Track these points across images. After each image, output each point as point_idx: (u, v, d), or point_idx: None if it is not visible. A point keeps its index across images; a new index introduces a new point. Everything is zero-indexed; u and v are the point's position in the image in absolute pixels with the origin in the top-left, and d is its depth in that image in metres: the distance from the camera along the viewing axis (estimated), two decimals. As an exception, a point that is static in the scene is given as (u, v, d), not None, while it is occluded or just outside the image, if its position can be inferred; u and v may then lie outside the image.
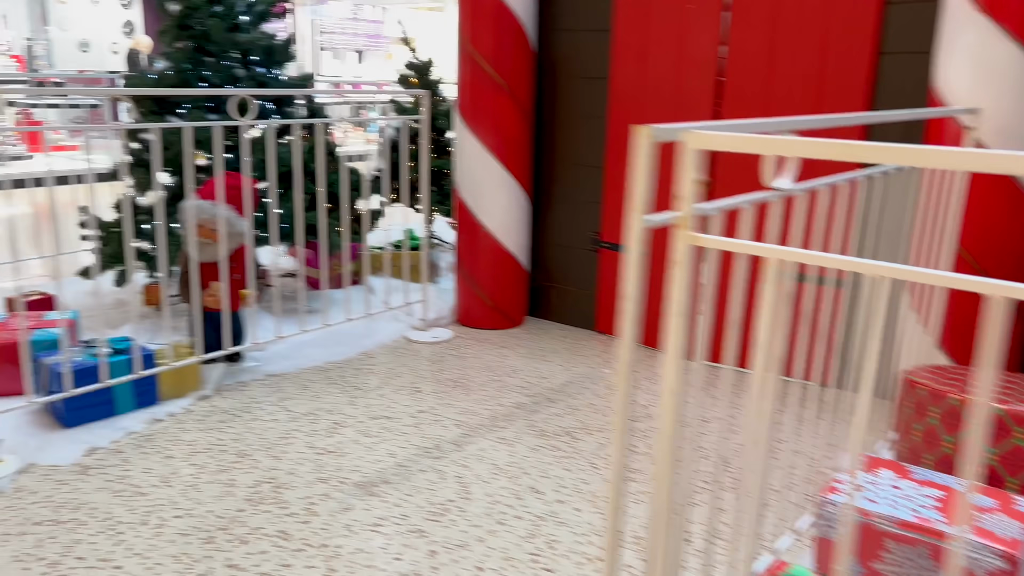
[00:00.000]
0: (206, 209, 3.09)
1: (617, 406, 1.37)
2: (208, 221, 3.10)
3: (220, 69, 3.89)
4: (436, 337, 3.92)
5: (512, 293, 4.09)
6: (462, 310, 4.16)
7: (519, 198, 3.99)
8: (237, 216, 3.17)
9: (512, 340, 3.94)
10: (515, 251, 4.03)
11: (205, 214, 3.09)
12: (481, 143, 3.85)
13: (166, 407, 3.02)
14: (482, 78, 3.80)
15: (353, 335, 3.85)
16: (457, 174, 4.03)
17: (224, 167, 3.21)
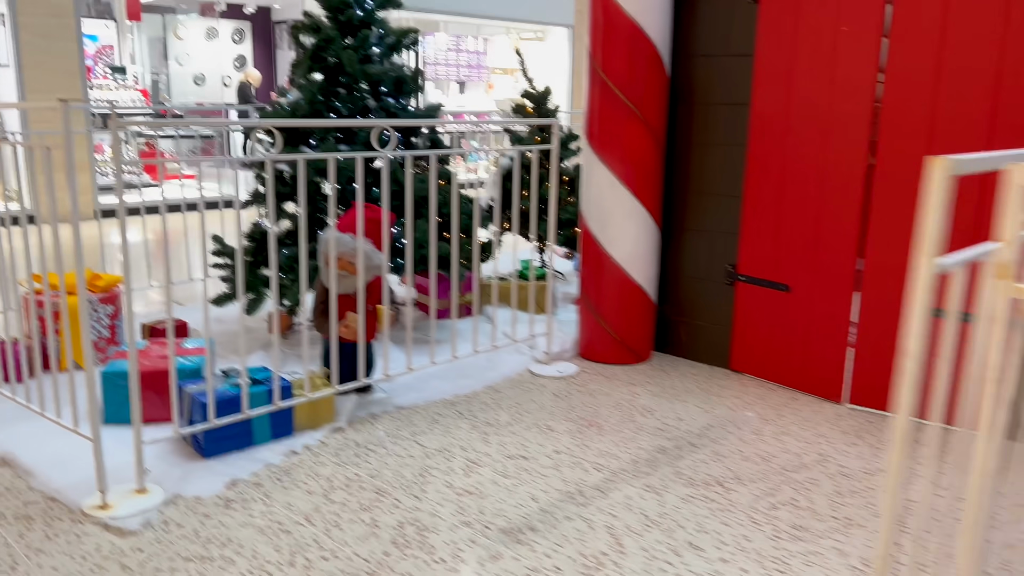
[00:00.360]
0: (346, 243, 3.06)
1: (888, 492, 1.19)
2: (347, 254, 3.07)
3: (352, 100, 3.91)
4: (561, 372, 3.79)
5: (639, 327, 3.93)
6: (585, 343, 4.02)
7: (649, 228, 3.84)
8: (375, 250, 3.13)
9: (641, 377, 3.77)
10: (643, 283, 3.87)
11: (344, 247, 3.06)
12: (610, 171, 3.73)
13: (301, 439, 2.98)
14: (613, 104, 3.69)
15: (477, 367, 3.77)
16: (583, 203, 3.92)
17: (363, 198, 3.19)
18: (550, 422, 3.21)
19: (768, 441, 3.06)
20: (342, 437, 3.04)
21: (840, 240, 3.35)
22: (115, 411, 3.05)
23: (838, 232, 3.35)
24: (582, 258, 3.98)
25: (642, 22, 3.60)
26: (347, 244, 3.06)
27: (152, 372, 3.01)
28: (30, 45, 7.68)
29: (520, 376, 3.75)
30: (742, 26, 3.59)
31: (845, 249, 3.34)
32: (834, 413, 3.36)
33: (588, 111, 3.82)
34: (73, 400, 2.62)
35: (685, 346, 4.04)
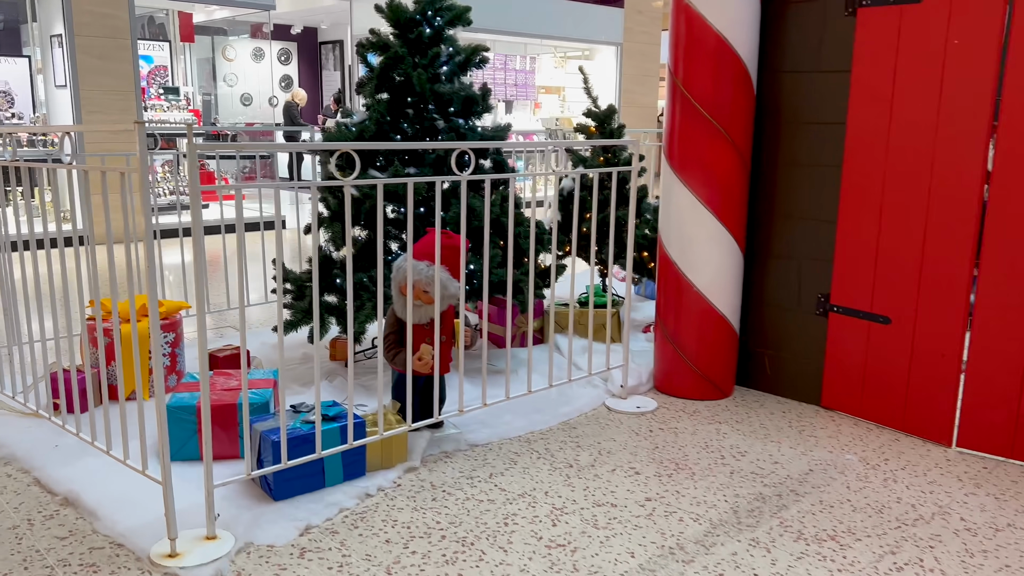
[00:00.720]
0: (422, 271, 2.90)
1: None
2: (423, 283, 2.91)
3: (419, 120, 3.76)
4: (639, 407, 3.57)
5: (722, 360, 3.70)
6: (663, 376, 3.80)
7: (733, 254, 3.62)
8: (451, 278, 2.96)
9: (725, 413, 3.54)
10: (727, 313, 3.64)
11: (420, 276, 2.90)
12: (692, 193, 3.52)
13: (374, 479, 2.80)
14: (696, 122, 3.49)
15: (549, 401, 3.57)
16: (662, 226, 3.71)
17: (440, 224, 3.03)
18: (635, 464, 3.00)
19: (877, 489, 2.81)
20: (417, 478, 2.86)
21: (951, 271, 3.09)
22: (179, 448, 2.91)
23: (949, 262, 3.10)
24: (659, 285, 3.77)
25: (729, 36, 3.40)
26: (423, 273, 2.90)
27: (218, 406, 2.87)
28: (86, 66, 7.72)
29: (596, 412, 3.54)
30: (836, 40, 3.37)
31: (957, 280, 3.09)
32: (943, 457, 3.09)
33: (668, 130, 3.62)
34: (142, 435, 2.48)
35: (770, 380, 3.80)
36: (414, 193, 3.63)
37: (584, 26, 12.64)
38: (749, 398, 3.74)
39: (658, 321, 3.80)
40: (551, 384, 3.37)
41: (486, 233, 2.94)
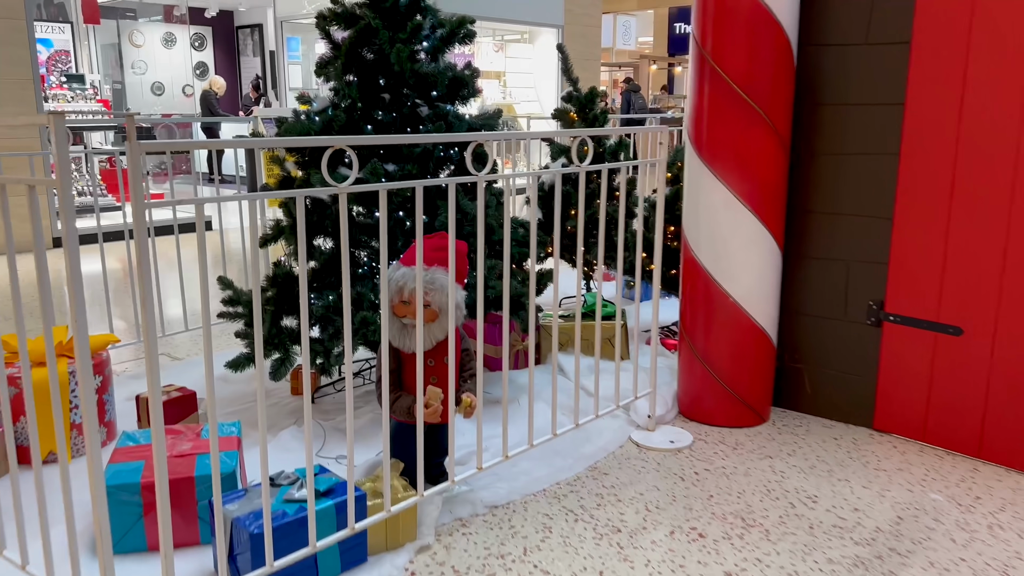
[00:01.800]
0: (436, 279, 2.32)
1: None
2: (434, 292, 2.32)
3: (399, 106, 3.12)
4: (673, 442, 3.05)
5: (760, 380, 3.21)
6: (691, 400, 3.29)
7: (774, 258, 3.12)
8: (456, 285, 2.38)
9: (772, 444, 3.05)
10: (766, 326, 3.15)
11: (432, 285, 2.31)
12: (727, 187, 3.01)
13: (380, 567, 2.19)
14: (730, 103, 2.97)
15: (568, 438, 3.00)
16: (688, 226, 3.19)
17: (421, 230, 2.43)
18: (694, 522, 2.47)
19: (987, 541, 2.36)
20: (433, 561, 2.26)
21: (1039, 272, 2.67)
22: (119, 537, 2.23)
23: (1037, 263, 2.67)
24: (685, 294, 3.25)
25: (769, 1, 2.88)
26: (435, 281, 2.31)
27: (173, 483, 2.20)
28: (-26, 51, 6.71)
29: (624, 450, 3.00)
30: (892, 8, 2.90)
31: (1046, 284, 2.67)
32: (1036, 489, 2.68)
33: (694, 113, 3.10)
34: (70, 526, 1.80)
35: (811, 399, 3.33)
36: (389, 196, 3.00)
37: (524, 8, 12.05)
38: (790, 422, 3.26)
39: (683, 337, 3.29)
40: (577, 423, 2.81)
41: (480, 239, 2.32)
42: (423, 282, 2.33)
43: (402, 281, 2.36)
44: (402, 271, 2.39)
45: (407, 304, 2.39)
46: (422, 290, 2.15)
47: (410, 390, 2.46)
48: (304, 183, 3.14)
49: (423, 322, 2.33)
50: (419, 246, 2.14)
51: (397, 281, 2.36)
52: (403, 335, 2.42)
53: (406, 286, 2.36)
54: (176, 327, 4.37)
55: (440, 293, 2.36)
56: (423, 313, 2.34)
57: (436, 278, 2.37)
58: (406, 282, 2.37)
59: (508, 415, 2.52)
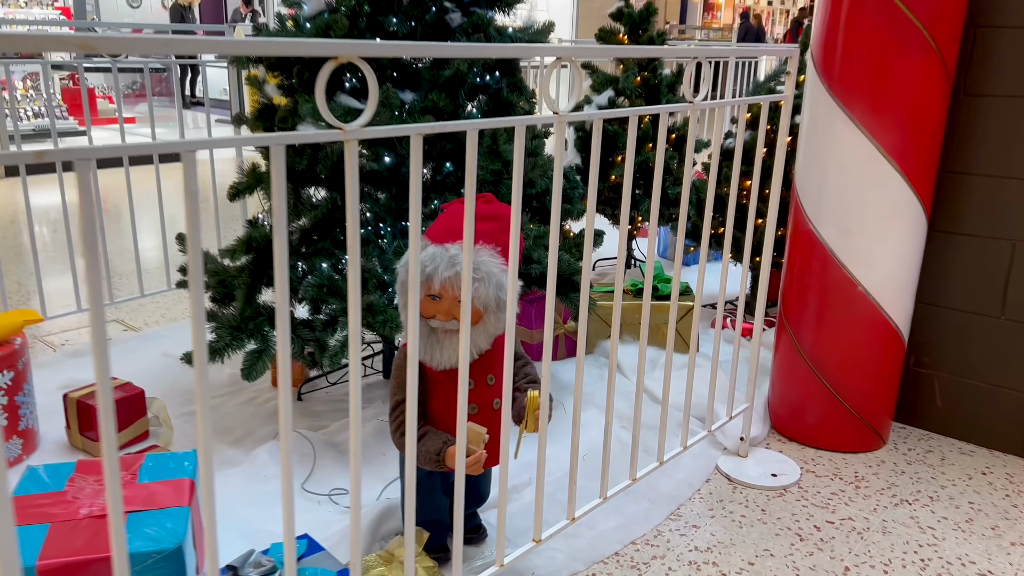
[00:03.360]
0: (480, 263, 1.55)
1: None
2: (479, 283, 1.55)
3: (420, 11, 2.27)
4: (776, 476, 2.31)
5: (885, 391, 2.46)
6: (789, 412, 2.55)
7: (920, 235, 2.34)
8: (504, 269, 1.60)
9: (904, 481, 2.32)
10: (899, 323, 2.39)
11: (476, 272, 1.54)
12: (869, 137, 2.20)
13: None
14: (882, 16, 2.14)
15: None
16: (804, 189, 2.39)
17: (473, 187, 1.64)
18: (838, 616, 1.75)
19: None
20: None
21: None
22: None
23: None
24: (791, 274, 2.47)
25: None
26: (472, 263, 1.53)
27: (78, 567, 1.45)
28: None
29: (712, 486, 2.27)
30: None
31: None
32: None
33: (825, 29, 2.26)
34: None
35: (940, 415, 2.59)
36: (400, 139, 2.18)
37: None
38: (916, 444, 2.53)
39: (782, 327, 2.52)
40: (661, 460, 2.06)
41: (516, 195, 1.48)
42: (482, 272, 1.55)
43: (430, 266, 1.57)
44: (429, 251, 1.59)
45: (436, 299, 1.60)
46: (469, 280, 1.36)
47: (439, 423, 1.70)
48: (289, 115, 2.31)
49: (454, 325, 1.55)
50: (468, 216, 1.34)
51: (423, 266, 1.58)
52: (430, 345, 1.64)
53: (437, 273, 1.57)
54: (131, 290, 3.56)
55: (487, 284, 1.58)
56: (457, 308, 1.57)
57: (481, 262, 1.58)
58: (436, 267, 1.57)
59: (550, 425, 1.76)
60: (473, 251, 1.53)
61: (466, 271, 1.35)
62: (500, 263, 1.58)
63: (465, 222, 1.33)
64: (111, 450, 0.95)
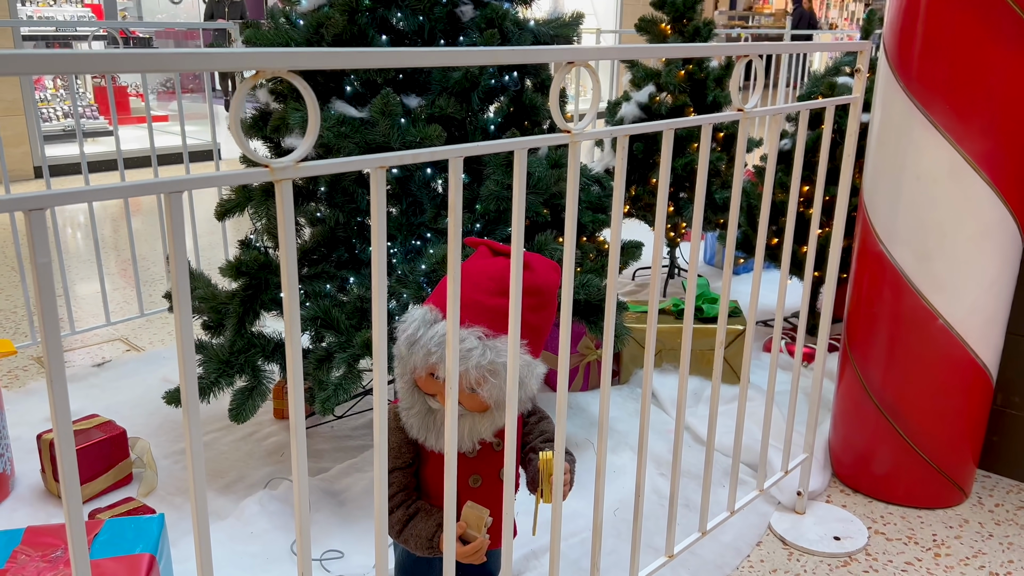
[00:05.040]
0: (498, 362, 1.21)
1: None
2: (494, 380, 1.23)
3: (426, 5, 1.99)
4: (839, 539, 1.98)
5: (969, 439, 2.11)
6: (854, 459, 2.21)
7: (1014, 259, 1.99)
8: (532, 360, 1.29)
9: (993, 547, 1.98)
10: (987, 360, 2.04)
11: (492, 370, 1.22)
12: (955, 144, 1.85)
13: None
14: (974, 6, 1.79)
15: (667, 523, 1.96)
16: (872, 202, 2.04)
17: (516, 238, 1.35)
18: None
19: None
20: None
21: None
22: None
23: None
24: (857, 300, 2.13)
25: None
26: (491, 361, 1.21)
27: None
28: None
29: (765, 551, 1.95)
30: None
31: None
32: None
33: (901, 17, 1.92)
34: None
35: (1035, 464, 2.24)
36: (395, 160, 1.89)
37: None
38: (1005, 499, 2.17)
39: (846, 359, 2.19)
40: (704, 531, 1.75)
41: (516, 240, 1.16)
42: (481, 364, 1.22)
43: (437, 352, 1.24)
44: (437, 330, 1.26)
45: (440, 379, 1.29)
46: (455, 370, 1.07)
47: (434, 497, 1.42)
48: (282, 123, 2.05)
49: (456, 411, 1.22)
50: (452, 277, 1.05)
51: (427, 350, 1.25)
52: (425, 426, 1.34)
53: (444, 360, 1.25)
54: (129, 309, 3.37)
55: (502, 381, 1.24)
56: (465, 399, 1.27)
57: (501, 363, 1.23)
58: (444, 354, 1.25)
59: (579, 473, 1.47)
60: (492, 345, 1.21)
61: (451, 338, 1.06)
62: (525, 351, 1.26)
63: (449, 282, 1.04)
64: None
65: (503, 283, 1.19)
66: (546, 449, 1.40)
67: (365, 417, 2.52)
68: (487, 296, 1.22)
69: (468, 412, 1.29)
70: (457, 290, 1.04)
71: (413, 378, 1.29)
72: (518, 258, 1.11)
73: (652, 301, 1.41)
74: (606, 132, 1.24)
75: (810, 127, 2.96)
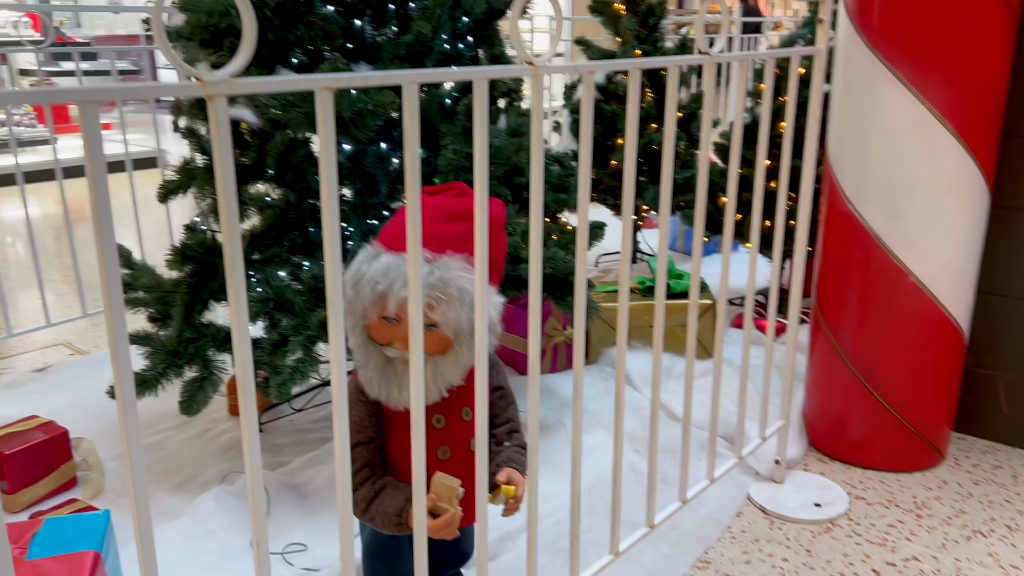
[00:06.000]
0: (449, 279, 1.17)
1: None
2: (447, 302, 1.16)
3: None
4: (820, 505, 1.94)
5: (943, 398, 2.09)
6: (829, 426, 2.17)
7: (982, 213, 1.97)
8: (493, 291, 1.23)
9: (973, 506, 1.95)
10: (959, 318, 2.02)
11: (444, 289, 1.16)
12: (920, 98, 1.82)
13: None
14: (927, -38, 1.77)
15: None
16: (837, 161, 2.01)
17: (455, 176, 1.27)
18: None
19: None
20: None
21: None
22: None
23: None
24: (827, 263, 2.10)
25: None
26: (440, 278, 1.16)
27: None
28: None
29: (745, 522, 1.90)
30: None
31: None
32: None
33: (860, -22, 1.89)
34: None
35: (1007, 423, 2.22)
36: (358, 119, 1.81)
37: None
38: (981, 459, 2.15)
39: (818, 326, 2.15)
40: (684, 500, 1.68)
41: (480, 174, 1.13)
42: (429, 285, 1.16)
43: (383, 282, 1.19)
44: (382, 262, 1.21)
45: (394, 323, 1.23)
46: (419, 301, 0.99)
47: (401, 472, 1.33)
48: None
49: (422, 356, 1.14)
50: (412, 209, 0.97)
51: (374, 281, 1.20)
52: (385, 379, 1.27)
53: (392, 291, 1.19)
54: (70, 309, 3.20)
55: (458, 304, 1.19)
56: (424, 340, 1.20)
57: (450, 278, 1.19)
58: (391, 284, 1.19)
59: (549, 453, 1.39)
60: (437, 263, 1.17)
61: (413, 287, 0.98)
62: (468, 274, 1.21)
63: (408, 219, 0.96)
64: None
65: (443, 211, 1.19)
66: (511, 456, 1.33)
67: (325, 410, 2.41)
68: (429, 224, 1.18)
69: (429, 357, 1.22)
70: (418, 225, 0.96)
71: (365, 327, 1.22)
72: (483, 197, 1.03)
73: (623, 277, 1.34)
74: (571, 67, 1.18)
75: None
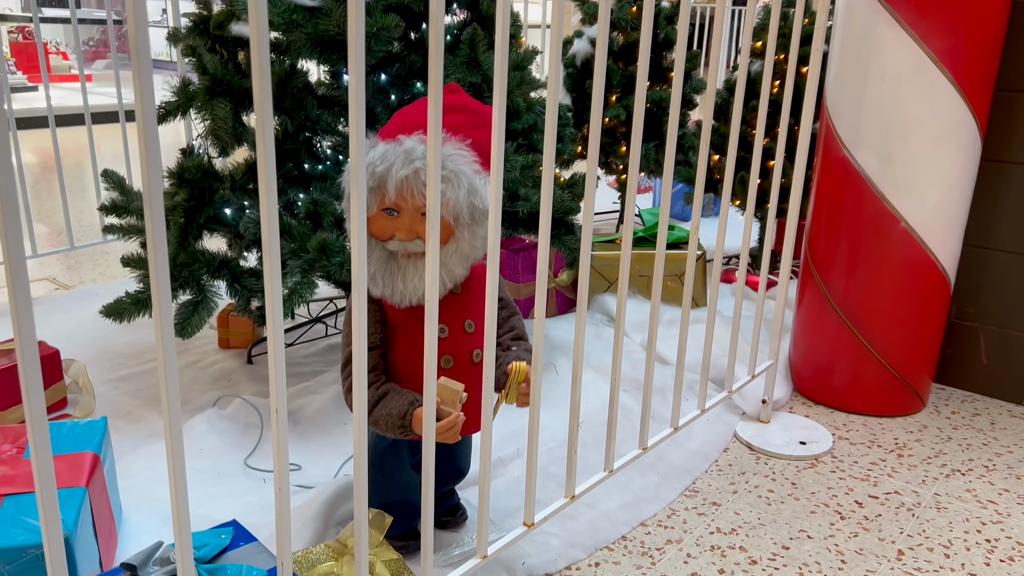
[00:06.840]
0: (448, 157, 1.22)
1: None
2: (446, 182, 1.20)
3: None
4: (805, 443, 1.98)
5: (928, 345, 2.13)
6: (815, 371, 2.22)
7: (974, 161, 2.00)
8: (479, 169, 1.25)
9: (952, 448, 2.00)
10: (947, 265, 2.06)
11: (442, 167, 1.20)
12: (919, 42, 1.85)
13: None
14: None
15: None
16: (839, 106, 2.04)
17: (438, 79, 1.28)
18: (898, 613, 1.43)
19: None
20: None
21: None
22: None
23: None
24: (818, 210, 2.13)
25: None
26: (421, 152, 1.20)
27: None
28: None
29: (732, 456, 1.94)
30: None
31: None
32: None
33: (866, -77, 1.90)
34: None
35: (986, 374, 2.27)
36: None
37: None
38: (960, 407, 2.21)
39: (808, 273, 2.19)
40: (676, 426, 1.71)
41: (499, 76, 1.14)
42: (423, 163, 1.18)
43: (380, 166, 1.20)
44: (378, 149, 1.22)
45: (394, 214, 1.24)
46: (437, 182, 1.00)
47: (404, 379, 1.35)
48: (226, 18, 1.92)
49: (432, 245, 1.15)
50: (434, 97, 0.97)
51: (372, 166, 1.21)
52: (389, 274, 1.28)
53: (390, 174, 1.20)
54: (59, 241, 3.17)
55: (456, 186, 1.21)
56: (419, 224, 1.22)
57: (448, 157, 1.20)
58: (388, 167, 1.20)
59: (543, 391, 1.41)
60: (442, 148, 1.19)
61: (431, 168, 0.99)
62: (472, 160, 1.23)
63: (430, 106, 0.96)
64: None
65: (449, 101, 1.24)
66: (520, 355, 1.36)
67: (316, 346, 2.41)
68: (423, 116, 1.21)
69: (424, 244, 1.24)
70: (438, 113, 0.96)
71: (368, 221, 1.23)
72: (502, 87, 1.04)
73: (627, 227, 1.35)
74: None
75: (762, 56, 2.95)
